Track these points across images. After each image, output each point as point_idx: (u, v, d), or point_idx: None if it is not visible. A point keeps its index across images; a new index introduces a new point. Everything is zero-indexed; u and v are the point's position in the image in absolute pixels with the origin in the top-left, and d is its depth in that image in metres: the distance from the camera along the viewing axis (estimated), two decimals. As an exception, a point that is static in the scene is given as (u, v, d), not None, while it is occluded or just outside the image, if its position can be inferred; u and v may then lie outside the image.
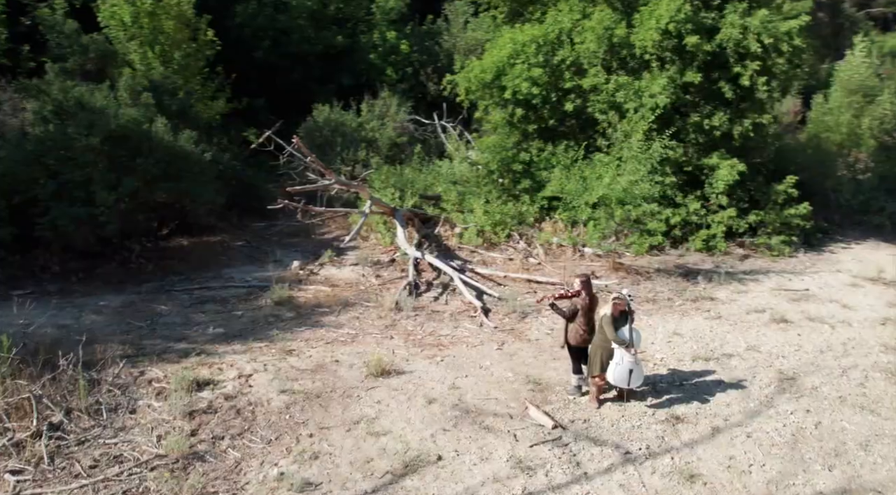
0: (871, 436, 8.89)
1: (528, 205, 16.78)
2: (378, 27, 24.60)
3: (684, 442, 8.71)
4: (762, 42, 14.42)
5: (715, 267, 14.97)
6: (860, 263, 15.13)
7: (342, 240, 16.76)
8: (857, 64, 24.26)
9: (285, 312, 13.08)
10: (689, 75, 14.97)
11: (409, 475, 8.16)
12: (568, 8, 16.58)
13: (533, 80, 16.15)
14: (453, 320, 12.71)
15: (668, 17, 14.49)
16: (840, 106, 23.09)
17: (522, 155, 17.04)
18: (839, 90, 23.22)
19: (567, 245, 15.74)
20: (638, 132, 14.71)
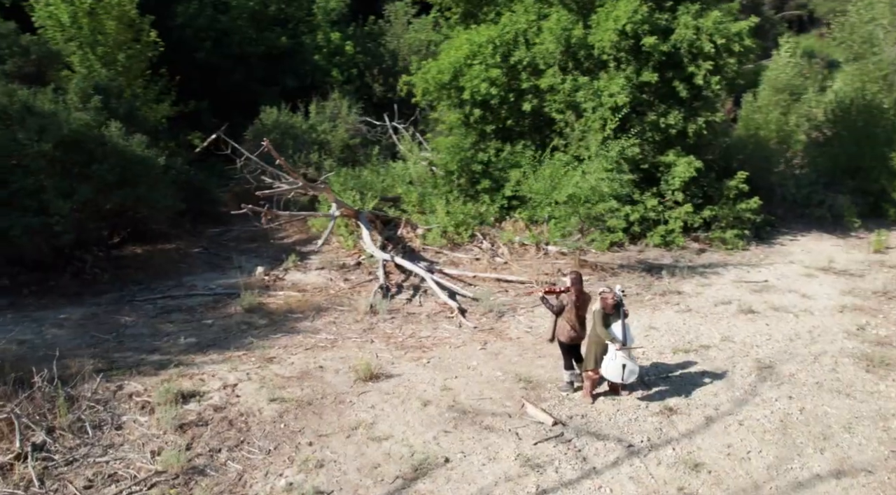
0: (851, 419, 9.32)
1: (489, 205, 16.88)
2: (321, 28, 24.31)
3: (682, 433, 8.95)
4: (715, 42, 14.92)
5: (674, 261, 15.40)
6: (809, 254, 15.82)
7: (304, 245, 16.56)
8: (783, 63, 25.32)
9: (258, 319, 12.82)
10: (645, 75, 15.36)
11: (420, 479, 8.13)
12: (523, 9, 16.76)
13: (491, 81, 16.26)
14: (431, 321, 12.70)
15: (625, 19, 14.83)
16: (768, 104, 24.05)
17: (480, 155, 17.14)
18: (767, 89, 24.14)
19: (530, 244, 15.89)
20: (606, 131, 15.02)
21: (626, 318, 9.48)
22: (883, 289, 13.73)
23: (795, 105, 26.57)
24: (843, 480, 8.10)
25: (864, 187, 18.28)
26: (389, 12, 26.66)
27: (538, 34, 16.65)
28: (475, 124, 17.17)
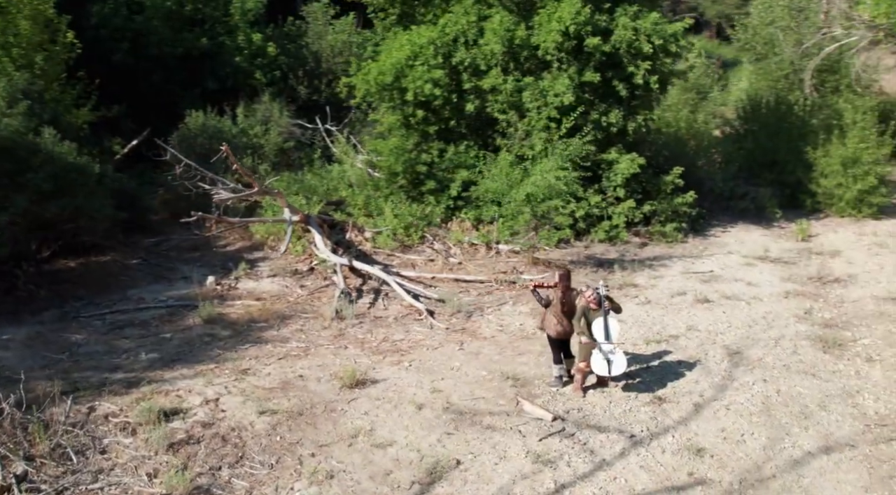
0: (823, 398, 9.91)
1: (434, 206, 16.91)
2: (240, 29, 23.66)
3: (676, 421, 9.28)
4: (653, 43, 15.49)
5: (621, 255, 15.89)
6: (743, 244, 16.66)
7: (249, 252, 16.13)
8: (690, 63, 26.57)
9: (220, 330, 12.39)
10: (587, 75, 15.77)
11: (437, 482, 8.10)
12: (463, 10, 16.87)
13: (434, 82, 16.29)
14: (400, 324, 12.62)
15: (570, 20, 15.18)
16: (678, 103, 25.21)
17: (424, 156, 17.15)
18: (677, 88, 25.23)
19: (480, 243, 16.03)
20: (562, 129, 15.35)
21: (609, 314, 9.70)
22: (817, 275, 14.63)
23: (703, 103, 27.97)
24: (832, 456, 8.61)
25: (781, 179, 19.37)
26: (307, 13, 26.21)
27: (479, 35, 16.78)
28: (417, 125, 17.14)
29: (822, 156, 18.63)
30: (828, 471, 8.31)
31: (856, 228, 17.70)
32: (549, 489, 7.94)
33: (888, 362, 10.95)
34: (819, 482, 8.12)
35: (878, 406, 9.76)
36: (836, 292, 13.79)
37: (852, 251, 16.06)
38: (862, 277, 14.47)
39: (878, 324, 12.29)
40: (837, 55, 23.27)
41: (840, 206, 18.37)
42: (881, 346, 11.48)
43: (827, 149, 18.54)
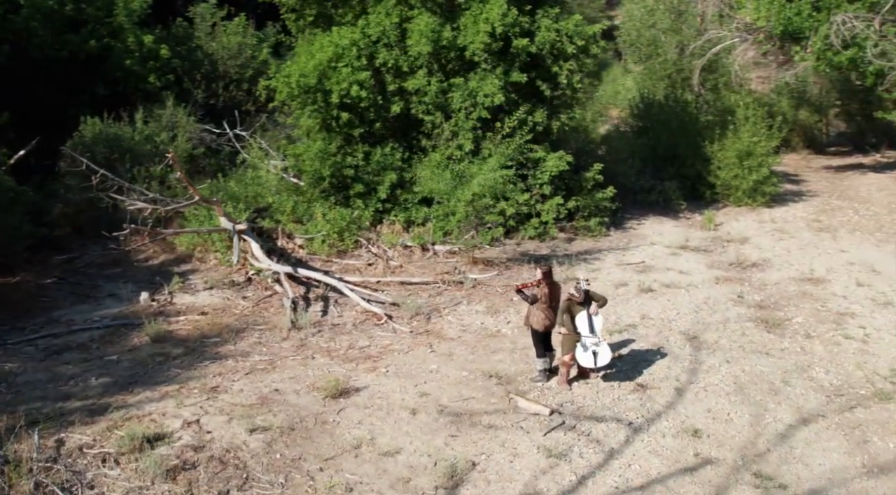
0: (783, 374, 10.66)
1: (363, 210, 16.72)
2: (126, 30, 22.33)
3: (664, 406, 9.70)
4: (576, 44, 16.04)
5: (552, 251, 16.34)
6: (661, 235, 17.55)
7: (175, 265, 15.32)
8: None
9: (171, 349, 11.73)
10: (514, 76, 16.10)
11: (461, 485, 8.09)
12: (384, 12, 16.76)
13: (360, 84, 16.12)
14: (361, 331, 12.43)
15: (498, 21, 15.44)
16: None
17: (349, 159, 16.92)
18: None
19: (414, 245, 16.01)
20: (505, 129, 15.59)
21: (591, 308, 10.00)
22: (736, 261, 15.64)
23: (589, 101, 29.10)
24: (810, 427, 9.30)
25: (681, 173, 20.53)
26: (193, 14, 25.10)
27: (401, 37, 16.74)
28: (341, 128, 16.88)
29: (718, 150, 19.91)
30: (813, 441, 8.96)
31: (754, 216, 19.05)
32: (571, 482, 8.11)
33: (825, 337, 11.90)
34: (809, 452, 8.75)
35: (830, 378, 10.60)
36: (757, 276, 14.80)
37: (758, 237, 17.28)
38: (775, 261, 15.60)
39: (804, 303, 13.31)
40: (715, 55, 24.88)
41: (737, 196, 19.71)
42: (813, 323, 12.46)
43: (723, 144, 19.85)
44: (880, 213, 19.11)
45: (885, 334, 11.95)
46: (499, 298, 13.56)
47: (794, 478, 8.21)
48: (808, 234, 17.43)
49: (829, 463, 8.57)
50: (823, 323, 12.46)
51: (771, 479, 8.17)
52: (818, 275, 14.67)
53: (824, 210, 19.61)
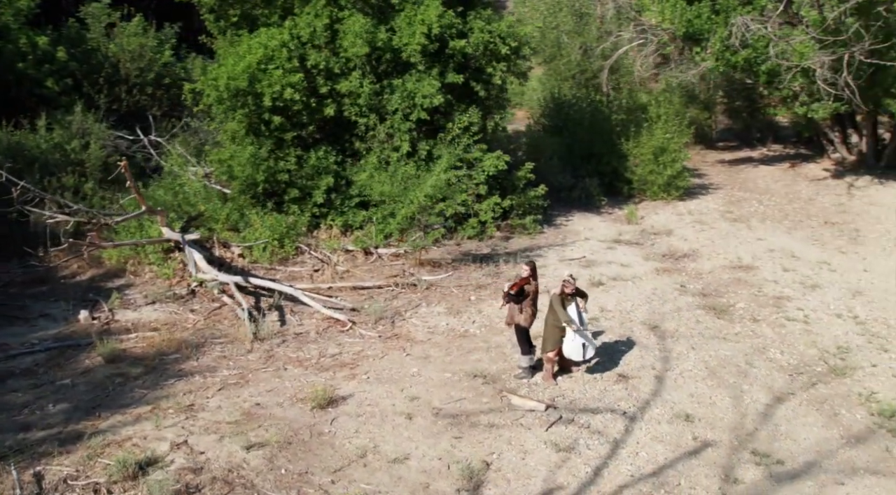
0: (745, 357, 11.29)
1: (299, 215, 16.36)
2: (12, 30, 20.80)
3: (650, 393, 10.06)
4: (509, 45, 16.31)
5: (493, 250, 16.54)
6: (592, 231, 18.10)
7: (107, 281, 14.43)
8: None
9: (129, 368, 11.06)
10: (450, 77, 16.19)
11: (482, 486, 8.11)
12: (314, 13, 16.43)
13: (293, 86, 15.77)
14: (328, 339, 12.16)
15: (435, 22, 15.47)
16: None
17: (282, 164, 16.50)
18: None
19: (356, 249, 15.82)
20: (455, 130, 15.61)
21: (578, 301, 10.25)
22: (668, 253, 16.37)
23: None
24: (785, 404, 9.91)
25: (599, 170, 21.25)
26: (86, 14, 23.65)
27: (331, 38, 16.48)
28: (271, 132, 16.44)
29: (633, 147, 20.76)
30: (792, 418, 9.55)
31: (671, 209, 19.98)
32: (587, 474, 8.29)
33: (770, 320, 12.68)
34: (792, 428, 9.32)
35: (786, 358, 11.32)
36: (691, 266, 15.56)
37: (681, 229, 18.15)
38: (703, 251, 16.45)
39: (741, 290, 14.12)
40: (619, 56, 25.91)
41: (654, 191, 20.61)
42: (755, 308, 13.24)
43: (638, 141, 20.70)
44: (782, 203, 20.49)
45: (821, 315, 12.85)
46: (456, 299, 13.61)
47: (788, 454, 8.73)
48: (725, 225, 18.47)
49: (812, 436, 9.16)
50: (764, 307, 13.25)
51: (767, 456, 8.65)
52: (746, 262, 15.59)
53: (732, 201, 20.82)
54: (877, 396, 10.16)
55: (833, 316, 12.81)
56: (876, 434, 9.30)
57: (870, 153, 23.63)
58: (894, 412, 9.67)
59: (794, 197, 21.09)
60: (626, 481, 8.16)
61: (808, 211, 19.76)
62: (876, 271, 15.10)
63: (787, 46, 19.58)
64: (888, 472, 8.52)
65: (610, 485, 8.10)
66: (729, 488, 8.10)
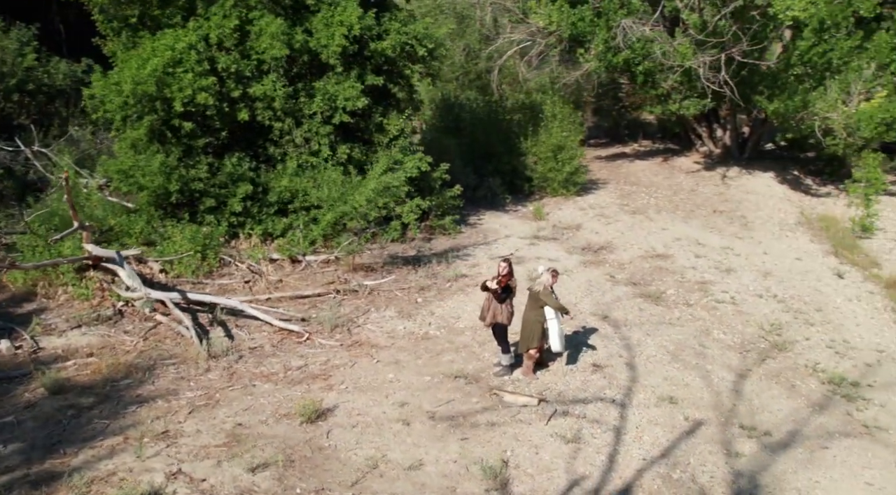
0: (696, 339, 12.01)
1: (215, 226, 15.63)
2: None
3: (628, 380, 10.49)
4: (425, 46, 16.34)
5: (419, 252, 16.53)
6: (507, 228, 18.47)
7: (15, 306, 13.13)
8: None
9: (78, 399, 10.17)
10: (370, 79, 16.01)
11: (510, 484, 8.16)
12: (222, 13, 15.69)
13: (206, 90, 15.06)
14: (286, 351, 11.72)
15: (357, 24, 15.24)
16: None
17: (193, 172, 15.69)
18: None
19: (283, 258, 15.34)
20: (392, 131, 15.35)
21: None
22: (586, 246, 17.03)
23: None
24: (749, 380, 10.65)
25: (499, 169, 21.72)
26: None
27: (241, 40, 15.84)
28: (179, 139, 15.60)
29: (532, 146, 21.39)
30: (759, 392, 10.28)
31: (572, 205, 20.77)
32: (603, 461, 8.54)
33: (702, 304, 13.54)
34: (764, 401, 10.03)
35: (730, 338, 12.15)
36: (611, 257, 16.29)
37: (589, 223, 18.92)
38: (616, 243, 17.24)
39: (665, 277, 14.96)
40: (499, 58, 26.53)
41: (554, 188, 21.34)
42: (684, 293, 14.08)
43: (536, 140, 21.35)
44: (669, 195, 21.83)
45: (745, 296, 13.86)
46: (403, 302, 13.51)
47: (771, 425, 9.40)
48: (627, 217, 19.44)
49: (783, 408, 9.90)
50: (692, 292, 14.11)
51: (754, 429, 9.27)
52: (660, 251, 16.51)
53: (623, 195, 21.94)
54: (821, 366, 11.12)
55: (755, 296, 13.85)
56: (833, 400, 10.19)
57: (733, 146, 25.66)
58: (842, 379, 10.63)
59: (678, 188, 22.51)
60: (642, 465, 8.48)
61: (695, 201, 21.17)
62: (774, 253, 16.46)
63: (669, 48, 20.86)
64: (857, 433, 9.38)
65: (629, 470, 8.39)
66: (734, 462, 8.62)
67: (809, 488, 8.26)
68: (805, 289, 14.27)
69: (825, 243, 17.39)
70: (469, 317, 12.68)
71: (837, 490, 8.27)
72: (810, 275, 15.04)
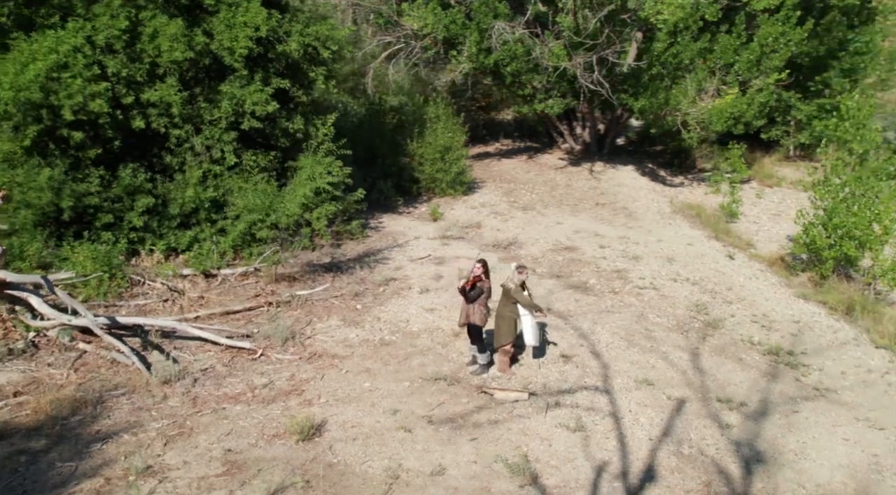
0: (639, 323, 12.66)
1: (113, 243, 14.44)
2: None
3: (601, 367, 10.90)
4: (330, 48, 15.95)
5: (333, 258, 16.13)
6: (412, 229, 18.39)
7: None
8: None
9: (26, 443, 9.13)
10: (275, 82, 15.39)
11: (540, 478, 8.26)
12: (110, 13, 14.44)
13: (98, 96, 13.88)
14: (242, 370, 11.08)
15: (263, 26, 14.59)
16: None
17: (83, 186, 14.38)
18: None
19: (196, 273, 14.46)
20: (319, 136, 14.75)
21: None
22: (495, 242, 17.38)
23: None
24: (701, 358, 11.40)
25: (385, 171, 21.61)
26: None
27: (131, 42, 14.69)
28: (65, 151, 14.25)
29: (419, 148, 21.49)
30: (716, 367, 11.06)
31: (462, 204, 21.08)
32: (615, 446, 8.87)
33: (626, 291, 14.30)
34: (724, 375, 10.83)
35: (666, 320, 12.94)
36: (522, 253, 16.76)
37: (487, 221, 19.31)
38: (521, 239, 17.75)
39: (582, 268, 15.64)
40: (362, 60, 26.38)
41: (441, 188, 21.55)
42: (606, 282, 14.80)
43: (422, 142, 21.47)
44: (547, 190, 22.73)
45: (662, 281, 14.79)
46: (343, 310, 13.19)
47: (742, 396, 10.16)
48: (520, 213, 20.05)
49: (742, 379, 10.72)
50: (612, 280, 14.85)
51: (731, 401, 9.98)
52: (566, 244, 17.21)
53: (506, 192, 22.56)
54: (755, 339, 12.12)
55: (670, 281, 14.81)
56: (779, 369, 11.17)
57: (592, 142, 27.18)
58: (779, 349, 11.66)
59: (554, 184, 23.49)
60: (651, 445, 8.88)
61: (574, 195, 22.20)
62: (667, 240, 17.66)
63: (545, 49, 21.74)
64: (813, 396, 10.36)
65: (642, 451, 8.75)
66: (728, 432, 9.23)
67: (801, 449, 9.04)
68: (708, 271, 15.45)
69: (704, 229, 18.89)
70: (418, 319, 12.62)
71: (823, 447, 9.11)
72: (707, 258, 16.29)
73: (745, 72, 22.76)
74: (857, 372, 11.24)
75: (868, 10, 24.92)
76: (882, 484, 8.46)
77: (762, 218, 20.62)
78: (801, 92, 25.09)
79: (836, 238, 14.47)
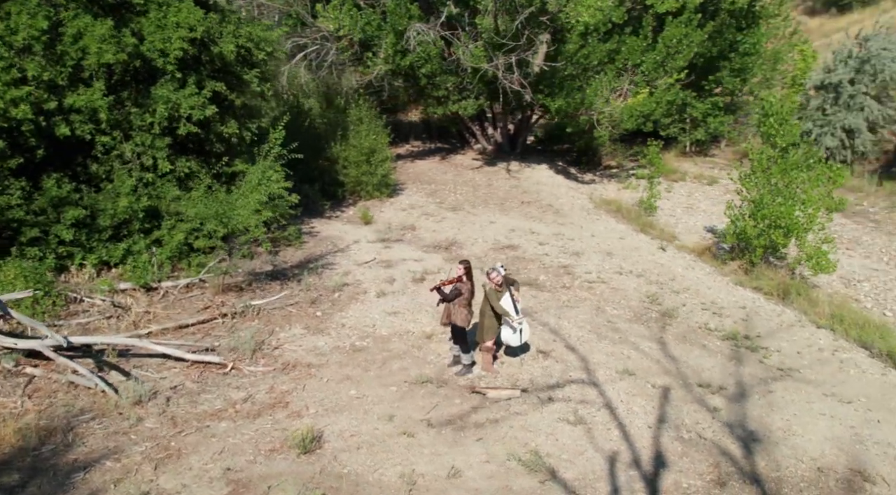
0: (598, 317, 12.97)
1: (40, 259, 13.49)
2: None
3: (580, 360, 11.11)
4: (264, 50, 15.45)
5: (276, 265, 15.58)
6: (348, 233, 17.99)
7: None
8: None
9: (3, 479, 8.33)
10: (210, 85, 14.76)
11: (558, 473, 8.35)
12: (26, 13, 13.40)
13: (22, 101, 12.94)
14: (217, 385, 10.57)
15: (200, 27, 13.96)
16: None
17: (4, 198, 13.34)
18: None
19: (135, 287, 13.71)
20: (268, 144, 14.13)
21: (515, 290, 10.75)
22: (435, 243, 17.37)
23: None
24: (668, 346, 11.82)
25: (308, 175, 21.15)
26: None
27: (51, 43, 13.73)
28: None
29: (342, 151, 21.19)
30: (686, 354, 11.51)
31: (389, 206, 20.95)
32: (619, 436, 9.07)
33: (577, 285, 14.64)
34: (696, 361, 11.27)
35: (623, 312, 13.35)
36: (464, 253, 16.81)
37: (420, 222, 19.27)
38: (460, 239, 17.83)
39: (528, 265, 15.88)
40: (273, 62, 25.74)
41: (368, 191, 21.34)
42: (555, 278, 15.09)
43: (345, 145, 21.17)
44: (470, 190, 22.94)
45: (609, 275, 15.23)
46: (303, 318, 12.82)
47: (719, 381, 10.62)
48: (451, 214, 20.13)
49: (713, 364, 11.21)
50: (560, 276, 15.17)
51: (710, 385, 10.41)
52: (505, 243, 17.42)
53: (430, 193, 22.61)
54: (710, 326, 12.69)
55: (616, 274, 15.28)
56: (741, 353, 11.74)
57: (504, 142, 27.69)
58: (736, 333, 12.27)
59: (475, 184, 23.74)
60: (651, 432, 9.14)
61: (497, 195, 22.51)
62: (599, 235, 18.21)
63: (465, 51, 21.93)
64: (780, 377, 10.96)
65: (646, 439, 9.00)
66: (718, 415, 9.62)
67: (787, 426, 9.54)
68: (647, 263, 16.04)
69: (628, 223, 19.59)
70: (384, 324, 12.46)
71: (807, 423, 9.65)
72: (642, 251, 16.92)
73: (651, 72, 23.79)
74: (810, 352, 11.98)
75: (754, 13, 26.54)
76: (867, 453, 9.06)
77: (677, 211, 21.59)
78: (696, 91, 26.51)
79: (765, 227, 15.35)
